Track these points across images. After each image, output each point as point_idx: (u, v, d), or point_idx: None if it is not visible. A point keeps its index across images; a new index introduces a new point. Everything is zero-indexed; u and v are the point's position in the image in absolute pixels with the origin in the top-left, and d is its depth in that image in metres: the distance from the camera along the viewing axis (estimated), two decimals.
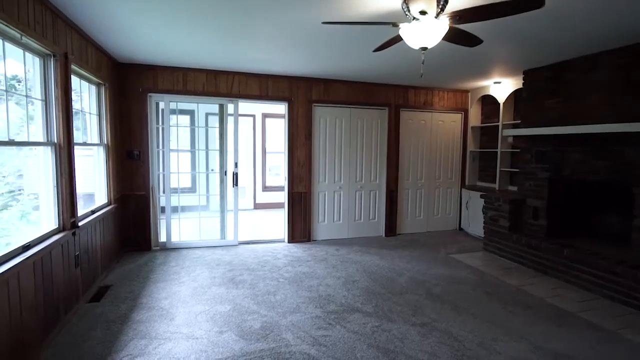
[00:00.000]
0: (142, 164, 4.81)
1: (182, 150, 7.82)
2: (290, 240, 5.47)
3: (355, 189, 5.82)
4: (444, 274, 4.23)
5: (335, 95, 5.54)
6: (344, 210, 5.77)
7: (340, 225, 5.77)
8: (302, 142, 5.44)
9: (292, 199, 5.45)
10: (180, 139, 7.92)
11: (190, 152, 7.34)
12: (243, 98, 5.12)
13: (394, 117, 5.87)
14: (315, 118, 5.50)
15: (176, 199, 5.31)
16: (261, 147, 8.23)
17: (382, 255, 4.92)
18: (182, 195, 7.33)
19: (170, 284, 3.77)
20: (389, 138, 5.86)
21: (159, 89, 4.80)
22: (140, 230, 4.86)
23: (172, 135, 4.99)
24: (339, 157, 5.68)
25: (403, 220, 6.13)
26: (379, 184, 5.94)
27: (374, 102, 5.75)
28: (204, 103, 5.06)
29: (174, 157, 5.05)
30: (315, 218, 5.63)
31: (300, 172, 5.46)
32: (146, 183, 4.84)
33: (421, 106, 6.06)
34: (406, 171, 6.09)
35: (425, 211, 6.28)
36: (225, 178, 5.19)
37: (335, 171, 5.68)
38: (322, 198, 5.65)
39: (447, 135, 6.31)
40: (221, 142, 5.14)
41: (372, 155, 5.86)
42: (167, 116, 4.86)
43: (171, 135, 4.95)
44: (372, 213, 5.95)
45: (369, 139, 5.83)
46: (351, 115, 5.70)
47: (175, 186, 5.34)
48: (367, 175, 5.86)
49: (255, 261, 4.55)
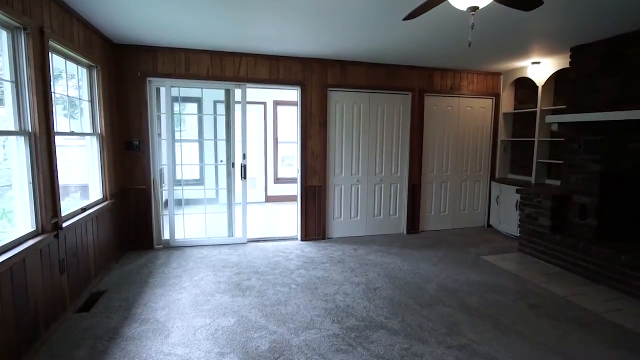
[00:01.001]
0: (142, 155, 4.41)
1: (186, 140, 7.43)
2: (303, 238, 5.03)
3: (375, 182, 5.31)
4: (477, 280, 3.72)
5: (352, 79, 5.01)
6: (361, 205, 5.29)
7: (357, 222, 5.30)
8: (317, 131, 4.95)
9: (305, 193, 4.99)
10: (188, 128, 7.54)
11: (198, 143, 6.93)
12: (251, 82, 4.64)
13: (418, 103, 5.31)
14: (331, 104, 4.99)
15: (181, 193, 4.93)
16: (273, 136, 7.77)
17: (405, 256, 4.44)
18: (189, 188, 6.96)
19: (170, 290, 3.37)
20: (412, 126, 5.32)
21: (159, 73, 4.36)
22: (141, 228, 4.49)
23: (175, 123, 4.56)
24: (357, 147, 5.18)
25: (426, 217, 5.61)
26: (401, 176, 5.42)
27: (395, 87, 5.20)
28: (209, 88, 4.60)
29: (178, 148, 4.64)
30: (331, 214, 5.16)
31: (314, 164, 4.99)
32: (147, 176, 4.44)
33: (448, 91, 5.47)
34: (430, 163, 5.54)
35: (451, 206, 5.74)
36: (232, 170, 4.75)
37: (353, 163, 5.19)
38: (338, 192, 5.17)
39: (475, 122, 5.71)
40: (228, 131, 4.69)
41: (393, 145, 5.33)
42: (168, 103, 4.43)
43: (174, 124, 4.52)
44: (392, 208, 5.44)
45: (390, 127, 5.29)
46: (370, 101, 5.16)
47: (181, 179, 4.94)
48: (387, 167, 5.34)
49: (264, 262, 4.13)
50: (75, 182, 4.28)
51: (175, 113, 4.58)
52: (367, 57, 4.79)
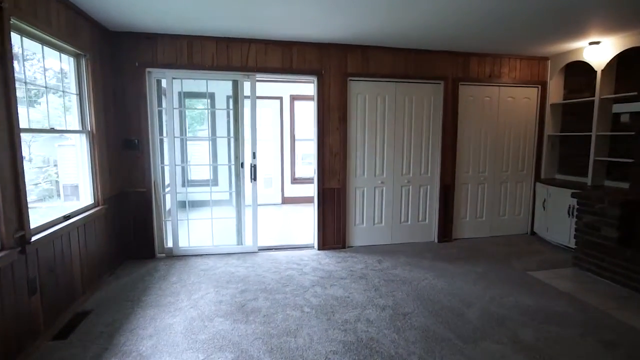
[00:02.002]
0: (142, 155, 3.98)
1: (190, 139, 7.03)
2: (320, 247, 4.48)
3: (401, 183, 4.70)
4: (530, 304, 3.06)
5: (376, 67, 4.41)
6: (386, 210, 4.68)
7: (382, 229, 4.70)
8: (336, 126, 4.39)
9: (323, 196, 4.44)
10: (193, 124, 7.13)
11: (205, 141, 6.48)
12: (261, 72, 4.12)
13: (451, 94, 4.65)
14: (352, 96, 4.41)
15: (185, 196, 4.49)
16: (290, 133, 7.25)
17: (438, 270, 3.82)
18: (193, 191, 6.55)
19: (163, 311, 2.90)
20: (445, 120, 4.66)
21: (159, 63, 3.91)
22: (141, 235, 4.07)
23: (178, 120, 4.12)
24: (381, 144, 4.58)
25: (460, 223, 4.95)
26: (431, 177, 4.78)
27: (425, 75, 4.55)
28: (215, 80, 4.12)
29: (188, 147, 4.19)
30: (352, 220, 4.59)
31: (333, 164, 4.43)
32: (147, 178, 4.01)
33: (486, 79, 4.78)
34: (465, 161, 4.87)
35: (489, 211, 5.04)
36: (242, 171, 4.26)
37: (377, 162, 4.59)
38: (360, 195, 4.59)
39: (518, 115, 4.99)
40: (236, 127, 4.20)
41: (422, 141, 4.70)
42: (169, 96, 3.97)
43: (182, 120, 4.07)
44: (421, 213, 4.81)
45: (419, 121, 4.66)
46: (397, 91, 4.55)
47: (185, 181, 4.49)
48: (416, 166, 4.72)
49: (275, 277, 3.61)
50: (72, 184, 3.90)
51: (176, 108, 4.13)
52: (393, 41, 4.18)
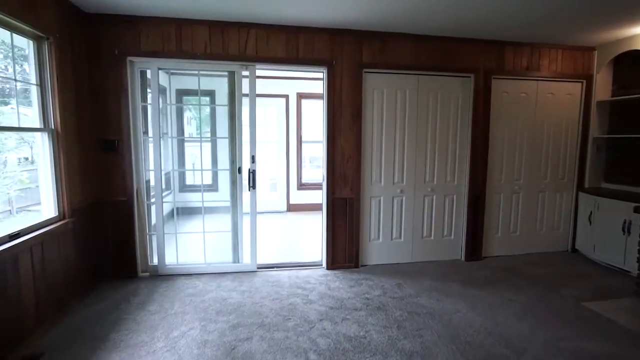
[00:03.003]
0: (123, 158, 3.41)
1: (188, 140, 6.44)
2: (329, 266, 3.86)
3: (424, 192, 4.06)
4: (595, 351, 2.40)
5: (396, 57, 3.79)
6: (406, 223, 4.05)
7: (401, 245, 4.06)
8: (348, 126, 3.77)
9: (332, 207, 3.82)
10: (185, 123, 6.56)
11: (203, 142, 5.92)
12: (262, 62, 3.53)
13: (483, 89, 4.00)
14: (367, 90, 3.80)
15: (184, 204, 3.91)
16: (296, 135, 6.66)
17: (471, 299, 3.17)
18: (196, 196, 6.01)
19: (132, 357, 2.31)
20: (474, 119, 4.02)
21: (143, 51, 3.35)
22: (121, 251, 3.50)
23: (169, 117, 3.55)
24: (401, 146, 3.95)
25: (491, 238, 4.28)
26: (458, 185, 4.13)
27: (453, 67, 3.92)
28: (208, 71, 3.54)
29: (168, 148, 3.62)
30: (366, 234, 3.96)
31: (344, 169, 3.81)
32: (128, 185, 3.44)
33: (522, 72, 4.12)
34: (498, 167, 4.21)
35: (524, 225, 4.37)
36: (239, 178, 3.67)
37: (396, 168, 3.96)
38: (376, 206, 3.96)
39: (558, 114, 4.32)
40: (232, 127, 3.61)
41: (448, 144, 4.06)
42: (154, 89, 3.41)
43: (180, 118, 3.50)
44: (447, 227, 4.16)
45: (445, 120, 4.02)
46: (419, 86, 3.92)
47: (190, 183, 3.91)
48: (440, 173, 4.07)
49: (276, 306, 3.00)
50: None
51: (165, 104, 3.56)
52: (416, 27, 3.57)
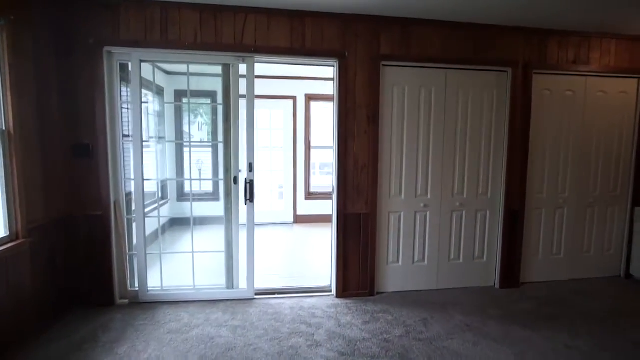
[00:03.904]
0: (97, 165, 2.91)
1: (174, 142, 5.96)
2: (340, 293, 3.27)
3: (452, 207, 3.45)
4: None
5: (420, 48, 3.22)
6: (431, 243, 3.44)
7: (424, 270, 3.45)
8: (363, 129, 3.20)
9: (344, 224, 3.24)
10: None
11: (212, 147, 5.39)
12: (262, 53, 3.00)
13: (522, 85, 3.40)
14: (386, 87, 3.23)
15: (183, 213, 3.38)
16: (304, 140, 6.11)
17: (517, 344, 2.53)
18: (197, 204, 5.51)
19: None
20: (512, 122, 3.41)
21: (123, 40, 2.85)
22: (95, 275, 2.98)
23: (165, 120, 3.05)
24: (425, 153, 3.36)
25: (531, 261, 3.64)
26: (492, 199, 3.51)
27: (487, 59, 3.33)
28: (197, 64, 3.03)
29: (151, 154, 3.11)
30: (384, 256, 3.37)
31: (358, 180, 3.23)
32: (104, 196, 2.93)
33: (568, 66, 3.50)
34: (538, 178, 3.58)
35: (569, 245, 3.72)
36: (234, 189, 3.13)
37: (419, 178, 3.37)
38: (395, 223, 3.37)
39: (611, 115, 3.67)
40: (226, 129, 3.08)
41: (481, 150, 3.45)
42: (135, 83, 2.90)
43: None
44: (478, 248, 3.54)
45: (477, 122, 3.42)
46: (447, 81, 3.34)
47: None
48: (471, 185, 3.47)
49: (273, 350, 2.42)
50: None
51: (146, 102, 3.06)
52: (444, 12, 3.00)
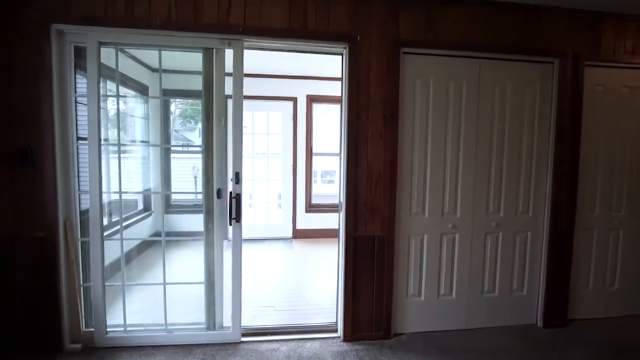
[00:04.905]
0: (41, 175, 2.29)
1: (136, 145, 5.38)
2: (348, 336, 2.61)
3: (486, 229, 2.81)
4: None
5: (448, 32, 2.61)
6: (461, 272, 2.79)
7: (452, 305, 2.80)
8: (378, 132, 2.58)
9: (354, 249, 2.60)
10: (137, 126, 5.42)
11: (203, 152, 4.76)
12: (253, 35, 2.40)
13: (571, 80, 2.78)
14: (407, 79, 2.61)
15: (169, 226, 2.77)
16: (305, 145, 5.49)
17: None
18: (186, 217, 4.97)
19: None
20: (559, 124, 2.78)
21: (76, 16, 2.25)
22: (37, 312, 2.34)
23: (121, 120, 2.43)
24: (454, 163, 2.73)
25: (580, 293, 2.98)
26: (534, 219, 2.87)
27: (529, 48, 2.71)
28: (171, 47, 2.43)
29: (114, 161, 2.49)
30: (402, 288, 2.72)
31: (372, 195, 2.60)
32: (50, 214, 2.30)
33: (626, 57, 2.88)
34: (590, 194, 2.94)
35: (626, 274, 3.05)
36: (217, 205, 2.50)
37: (446, 193, 2.73)
38: (417, 248, 2.73)
39: None
40: (207, 131, 2.46)
41: (521, 159, 2.82)
42: (92, 72, 2.29)
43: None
44: (518, 278, 2.89)
45: (516, 124, 2.79)
46: (481, 74, 2.72)
47: (178, 200, 2.79)
48: (510, 201, 2.82)
49: None
50: None
51: (108, 95, 2.45)
52: None
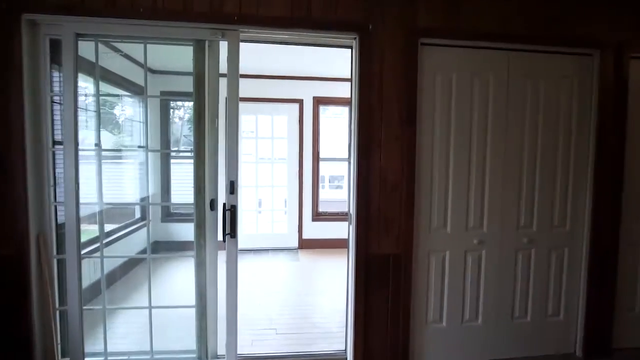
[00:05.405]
0: (10, 184, 2.01)
1: (104, 151, 5.17)
2: None
3: (517, 245, 2.46)
4: None
5: (473, 19, 2.28)
6: (487, 294, 2.44)
7: (477, 332, 2.45)
8: (394, 134, 2.26)
9: (366, 269, 2.27)
10: (123, 129, 5.13)
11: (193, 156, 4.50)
12: (249, 25, 2.10)
13: (614, 74, 2.43)
14: (426, 75, 2.29)
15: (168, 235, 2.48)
16: (311, 150, 5.19)
17: None
18: (184, 225, 4.65)
19: None
20: (600, 125, 2.43)
21: (50, 4, 1.98)
22: (3, 342, 2.06)
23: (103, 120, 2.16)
24: (480, 170, 2.39)
25: (626, 317, 2.60)
26: (572, 233, 2.51)
27: (564, 37, 2.38)
28: (159, 41, 2.15)
29: (90, 166, 2.21)
30: (421, 313, 2.38)
31: (386, 206, 2.27)
32: (20, 229, 2.02)
33: None
34: (635, 204, 2.58)
35: None
36: (209, 217, 2.20)
37: (471, 204, 2.39)
38: (438, 267, 2.39)
39: None
40: (198, 133, 2.16)
41: (557, 166, 2.47)
42: (67, 67, 2.02)
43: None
44: (553, 301, 2.52)
45: (551, 125, 2.44)
46: (510, 68, 2.38)
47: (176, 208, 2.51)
48: (543, 213, 2.47)
49: None
50: None
51: (86, 94, 2.17)
52: None
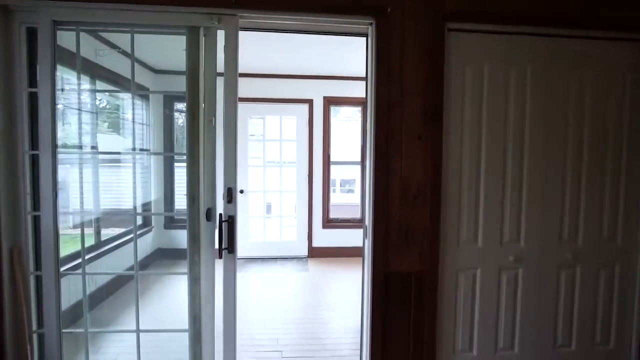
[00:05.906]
0: None
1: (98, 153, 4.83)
2: None
3: (559, 261, 2.12)
4: None
5: (505, 2, 1.98)
6: (525, 319, 2.11)
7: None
8: (416, 133, 1.96)
9: (384, 289, 1.97)
10: (109, 128, 4.90)
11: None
12: (250, 9, 1.84)
13: None
14: (453, 64, 1.98)
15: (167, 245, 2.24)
16: (322, 153, 4.92)
17: None
18: None
19: None
20: None
21: None
22: None
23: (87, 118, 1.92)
24: (516, 173, 2.07)
25: None
26: (624, 247, 2.17)
27: (614, 19, 2.06)
28: (147, 29, 1.91)
29: (73, 171, 1.97)
30: (448, 340, 2.06)
31: (408, 217, 1.97)
32: None
33: None
34: None
35: None
36: (204, 229, 1.94)
37: (506, 214, 2.07)
38: (467, 287, 2.07)
39: None
40: (192, 134, 1.90)
41: (605, 169, 2.14)
42: (44, 58, 1.78)
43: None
44: (602, 327, 2.18)
45: (599, 124, 2.12)
46: (552, 57, 2.06)
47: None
48: (590, 225, 2.13)
49: None
50: None
51: (67, 88, 1.94)
52: None
